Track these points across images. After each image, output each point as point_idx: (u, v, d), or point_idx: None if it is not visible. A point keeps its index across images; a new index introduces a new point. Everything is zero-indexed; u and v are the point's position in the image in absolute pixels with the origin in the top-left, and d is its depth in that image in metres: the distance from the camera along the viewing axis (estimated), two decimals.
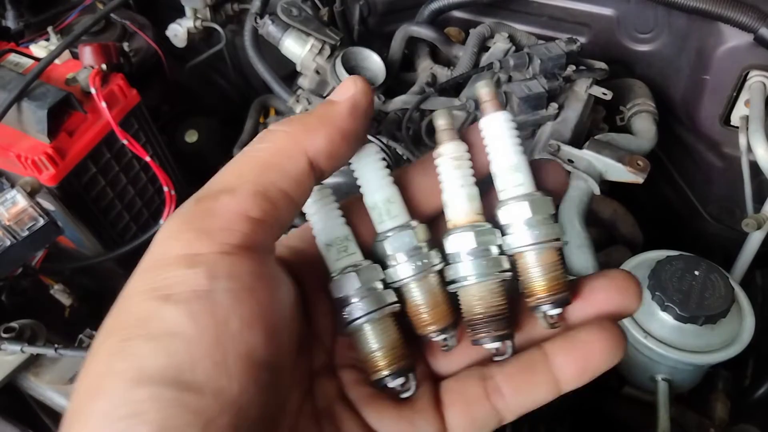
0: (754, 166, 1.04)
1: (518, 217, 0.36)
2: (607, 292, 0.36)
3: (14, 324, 0.94)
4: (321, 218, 0.38)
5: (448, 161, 0.38)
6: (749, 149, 1.04)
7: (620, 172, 0.98)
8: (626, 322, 0.92)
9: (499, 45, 1.19)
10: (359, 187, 0.39)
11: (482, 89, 0.39)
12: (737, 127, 1.09)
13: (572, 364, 0.35)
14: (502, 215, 0.37)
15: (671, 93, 1.20)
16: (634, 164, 0.97)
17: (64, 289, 1.20)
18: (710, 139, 1.16)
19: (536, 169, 0.38)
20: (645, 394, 1.03)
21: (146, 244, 0.31)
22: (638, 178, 0.97)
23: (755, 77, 1.05)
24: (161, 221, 1.27)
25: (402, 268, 0.37)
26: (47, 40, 1.26)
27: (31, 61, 1.15)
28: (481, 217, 0.37)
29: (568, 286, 0.36)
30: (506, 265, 0.37)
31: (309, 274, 0.37)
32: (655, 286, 0.91)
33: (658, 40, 1.20)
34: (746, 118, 1.05)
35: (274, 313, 0.30)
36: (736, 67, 1.06)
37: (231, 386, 0.26)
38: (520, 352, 0.36)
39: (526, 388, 0.35)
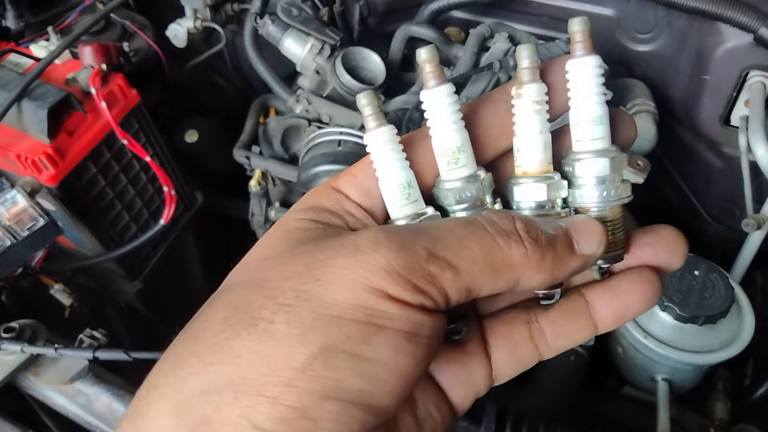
0: (754, 166, 1.04)
1: (593, 172, 0.36)
2: (654, 248, 0.37)
3: (14, 324, 0.94)
4: (385, 161, 0.37)
5: (529, 104, 0.36)
6: (749, 149, 1.04)
7: None
8: (626, 323, 0.92)
9: (499, 45, 1.19)
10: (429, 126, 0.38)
11: (576, 26, 0.36)
12: (737, 127, 1.09)
13: (611, 310, 0.37)
14: (578, 168, 0.36)
15: (671, 93, 1.20)
16: (634, 164, 0.97)
17: (64, 289, 1.21)
18: (710, 139, 1.16)
19: (611, 120, 0.37)
20: (645, 395, 1.03)
21: (146, 244, 0.31)
22: (638, 178, 0.97)
23: (755, 77, 1.05)
24: (161, 221, 1.27)
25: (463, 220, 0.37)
26: (47, 40, 1.26)
27: (31, 61, 1.15)
28: (551, 167, 0.37)
29: (625, 244, 0.37)
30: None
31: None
32: None
33: (658, 40, 1.20)
34: (746, 118, 1.05)
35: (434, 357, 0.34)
36: (736, 67, 1.05)
37: (394, 409, 0.31)
38: (563, 297, 0.38)
39: (568, 332, 0.38)
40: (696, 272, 0.93)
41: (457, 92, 0.38)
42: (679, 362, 0.93)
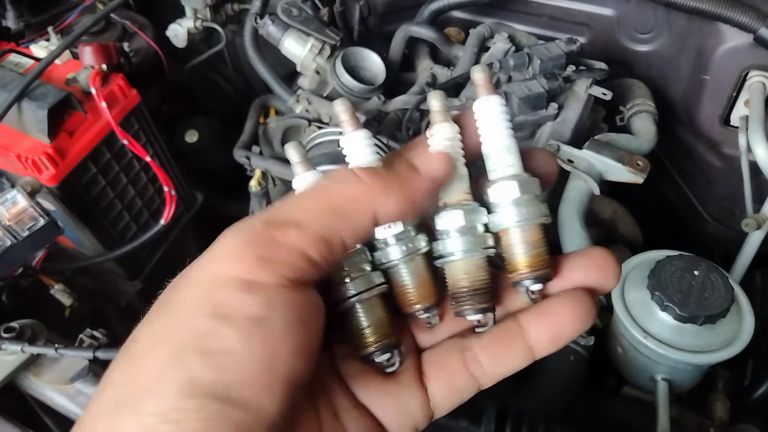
0: (754, 166, 1.04)
1: (506, 195, 0.38)
2: (585, 270, 0.38)
3: (14, 324, 0.94)
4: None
5: (440, 142, 0.38)
6: (749, 149, 1.04)
7: (620, 172, 0.98)
8: (626, 322, 0.92)
9: (499, 45, 1.19)
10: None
11: (477, 74, 0.39)
12: (737, 127, 1.09)
13: (545, 334, 0.37)
14: (492, 194, 0.38)
15: (671, 93, 1.20)
16: (633, 164, 0.97)
17: (65, 289, 1.21)
18: (710, 139, 1.16)
19: (527, 157, 0.39)
20: (645, 395, 1.03)
21: (146, 244, 0.32)
22: (638, 178, 0.97)
23: (755, 77, 1.05)
24: (161, 221, 1.27)
25: (391, 251, 0.38)
26: (47, 40, 1.26)
27: (31, 62, 1.15)
28: (470, 197, 0.39)
29: (550, 263, 0.38)
30: (491, 242, 0.39)
31: None
32: (654, 286, 0.91)
33: (658, 40, 1.20)
34: (746, 118, 1.05)
35: (317, 342, 0.33)
36: (736, 67, 1.06)
37: (272, 406, 0.29)
38: (496, 324, 0.38)
39: (502, 358, 0.37)
40: (696, 272, 0.93)
41: (457, 93, 0.39)
42: (679, 362, 0.93)
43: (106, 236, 1.25)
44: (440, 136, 0.39)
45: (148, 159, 1.22)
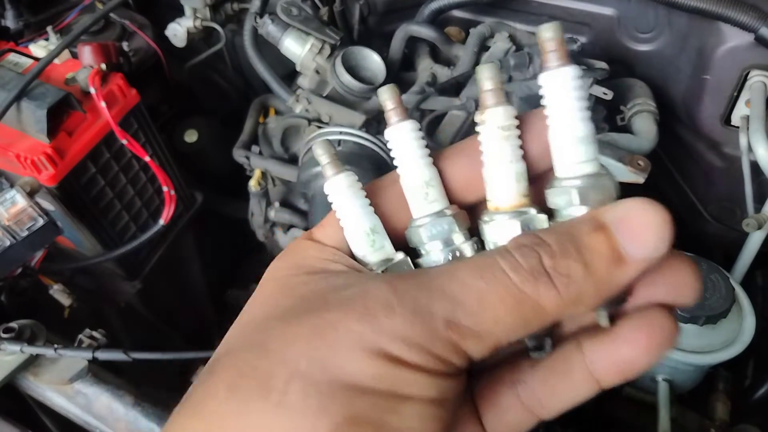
0: (755, 166, 1.03)
1: (572, 201, 0.32)
2: (662, 283, 0.31)
3: (14, 324, 0.94)
4: (347, 209, 0.35)
5: (495, 131, 0.33)
6: (750, 149, 1.04)
7: (621, 172, 0.98)
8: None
9: (500, 45, 1.18)
10: (395, 166, 0.37)
11: (547, 32, 0.32)
12: (738, 127, 1.08)
13: (613, 364, 0.32)
14: (553, 198, 0.32)
15: (672, 93, 1.20)
16: (634, 164, 0.97)
17: (64, 290, 1.20)
18: (711, 139, 1.16)
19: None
20: (645, 395, 1.03)
21: (145, 244, 0.30)
22: (639, 178, 0.97)
23: (756, 77, 1.05)
24: (161, 221, 1.27)
25: (435, 258, 0.35)
26: (46, 39, 1.26)
27: (30, 61, 1.15)
28: (527, 200, 0.33)
29: None
30: None
31: None
32: None
33: (659, 39, 1.19)
34: (747, 118, 1.05)
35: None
36: (737, 67, 1.05)
37: None
38: (555, 349, 0.34)
39: (562, 390, 0.33)
40: None
41: (458, 92, 0.38)
42: (680, 362, 0.93)
43: (106, 236, 1.24)
44: (492, 124, 0.33)
45: (147, 159, 1.22)
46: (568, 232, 0.29)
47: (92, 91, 1.11)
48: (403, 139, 0.36)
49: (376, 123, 1.17)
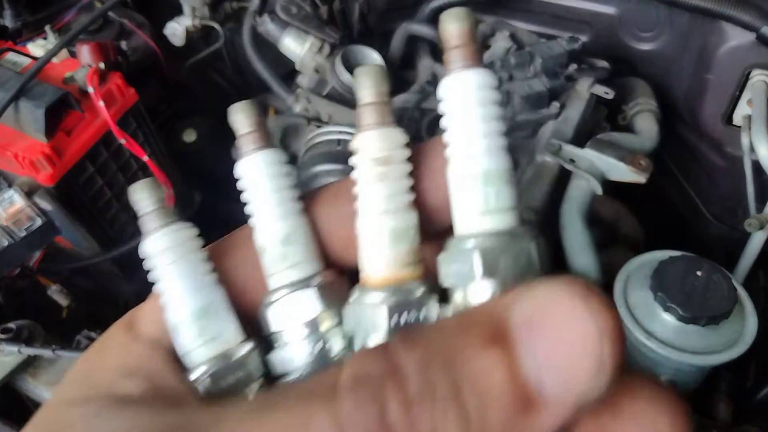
0: (757, 166, 1.03)
1: (483, 274, 0.22)
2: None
3: (11, 325, 0.93)
4: (168, 281, 0.25)
5: (367, 165, 0.24)
6: (752, 149, 1.03)
7: (622, 172, 0.98)
8: (628, 324, 0.92)
9: (501, 43, 1.18)
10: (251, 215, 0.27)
11: (449, 24, 0.24)
12: (740, 127, 1.08)
13: None
14: (451, 266, 0.23)
15: (673, 92, 1.19)
16: (636, 164, 0.96)
17: (62, 290, 1.20)
18: (713, 138, 1.16)
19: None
20: None
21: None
22: (640, 178, 0.96)
23: (758, 76, 1.04)
24: None
25: (296, 351, 0.25)
26: (45, 38, 1.25)
27: (28, 60, 1.14)
28: (412, 271, 0.24)
29: None
30: None
31: None
32: (657, 287, 0.91)
33: (660, 38, 1.19)
34: (749, 118, 1.05)
35: None
36: (739, 66, 1.05)
37: None
38: None
39: None
40: (698, 273, 0.92)
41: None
42: (682, 363, 0.92)
43: (104, 236, 1.24)
44: (365, 155, 0.24)
45: (145, 158, 1.21)
46: (442, 350, 0.19)
47: (90, 90, 1.10)
48: (254, 177, 0.27)
49: None
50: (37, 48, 1.22)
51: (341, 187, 0.27)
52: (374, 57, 1.22)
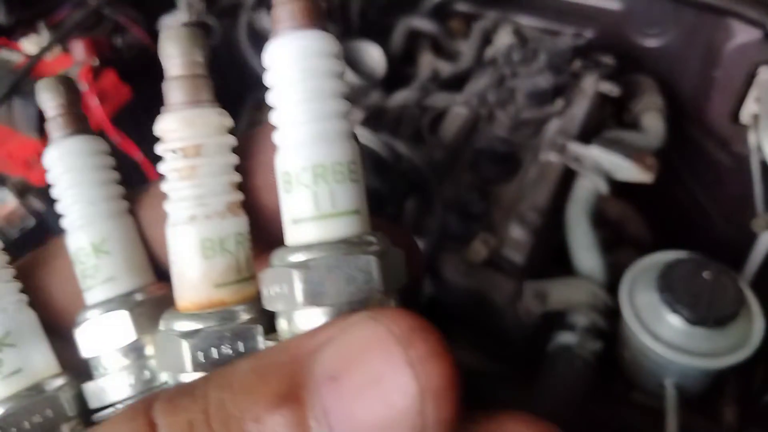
0: (764, 165, 1.02)
1: (305, 301, 0.17)
2: None
3: None
4: None
5: (173, 158, 0.20)
6: (759, 147, 1.02)
7: (629, 171, 0.96)
8: (634, 326, 0.91)
9: (504, 39, 1.16)
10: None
11: None
12: (747, 125, 1.07)
13: None
14: (270, 288, 0.18)
15: (680, 89, 1.18)
16: (642, 162, 0.95)
17: None
18: (720, 136, 1.15)
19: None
20: (653, 400, 1.01)
21: None
22: (647, 177, 0.95)
23: (765, 74, 1.03)
24: None
25: (113, 383, 0.21)
26: (38, 35, 1.24)
27: (21, 57, 1.13)
28: (232, 292, 0.19)
29: None
30: None
31: None
32: (663, 288, 0.89)
33: (666, 35, 1.18)
34: (756, 116, 1.04)
35: None
36: (746, 64, 1.04)
37: None
38: None
39: None
40: (705, 274, 0.91)
41: (460, 88, 0.28)
42: (688, 367, 0.91)
43: None
44: (171, 144, 0.21)
45: (140, 156, 1.20)
46: (221, 408, 0.15)
47: (84, 87, 1.09)
48: (61, 170, 0.22)
49: (375, 119, 1.15)
50: (30, 44, 1.20)
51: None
52: (374, 53, 1.21)
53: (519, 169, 1.02)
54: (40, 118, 1.04)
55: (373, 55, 1.22)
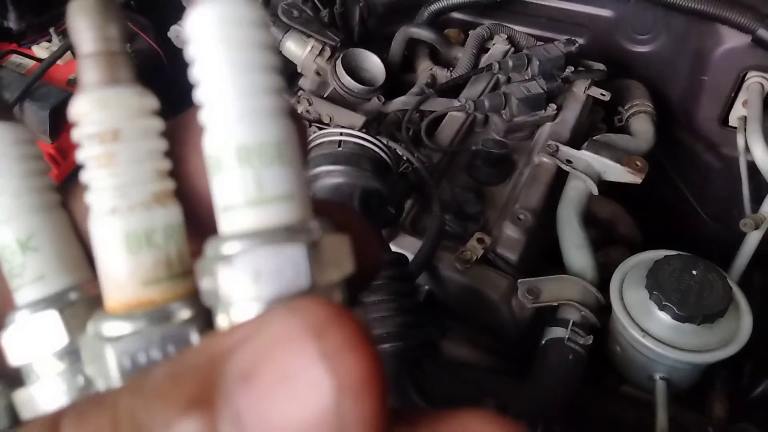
0: (752, 167, 1.04)
1: (248, 278, 0.16)
2: None
3: None
4: None
5: (89, 143, 0.18)
6: (747, 150, 1.04)
7: (618, 173, 0.99)
8: (624, 322, 0.93)
9: (498, 46, 1.19)
10: None
11: None
12: (735, 128, 1.09)
13: None
14: (204, 282, 0.17)
15: (670, 94, 1.21)
16: (632, 165, 0.97)
17: None
18: (708, 139, 1.17)
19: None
20: (643, 393, 1.03)
21: None
22: (636, 179, 0.98)
23: (753, 78, 1.06)
24: None
25: (46, 392, 0.19)
26: (49, 41, 1.26)
27: (32, 62, 1.16)
28: (164, 289, 0.18)
29: None
30: None
31: None
32: (652, 286, 0.91)
33: (657, 41, 1.20)
34: (744, 119, 1.06)
35: None
36: (735, 68, 1.06)
37: None
38: None
39: None
40: (694, 272, 0.93)
41: (457, 94, 0.26)
42: (677, 361, 0.93)
43: None
44: (86, 129, 0.18)
45: None
46: (132, 418, 0.15)
47: None
48: None
49: (375, 124, 1.18)
50: (41, 50, 1.23)
51: None
52: (374, 60, 1.23)
53: (513, 171, 1.04)
54: (51, 121, 1.07)
55: (374, 63, 1.24)
